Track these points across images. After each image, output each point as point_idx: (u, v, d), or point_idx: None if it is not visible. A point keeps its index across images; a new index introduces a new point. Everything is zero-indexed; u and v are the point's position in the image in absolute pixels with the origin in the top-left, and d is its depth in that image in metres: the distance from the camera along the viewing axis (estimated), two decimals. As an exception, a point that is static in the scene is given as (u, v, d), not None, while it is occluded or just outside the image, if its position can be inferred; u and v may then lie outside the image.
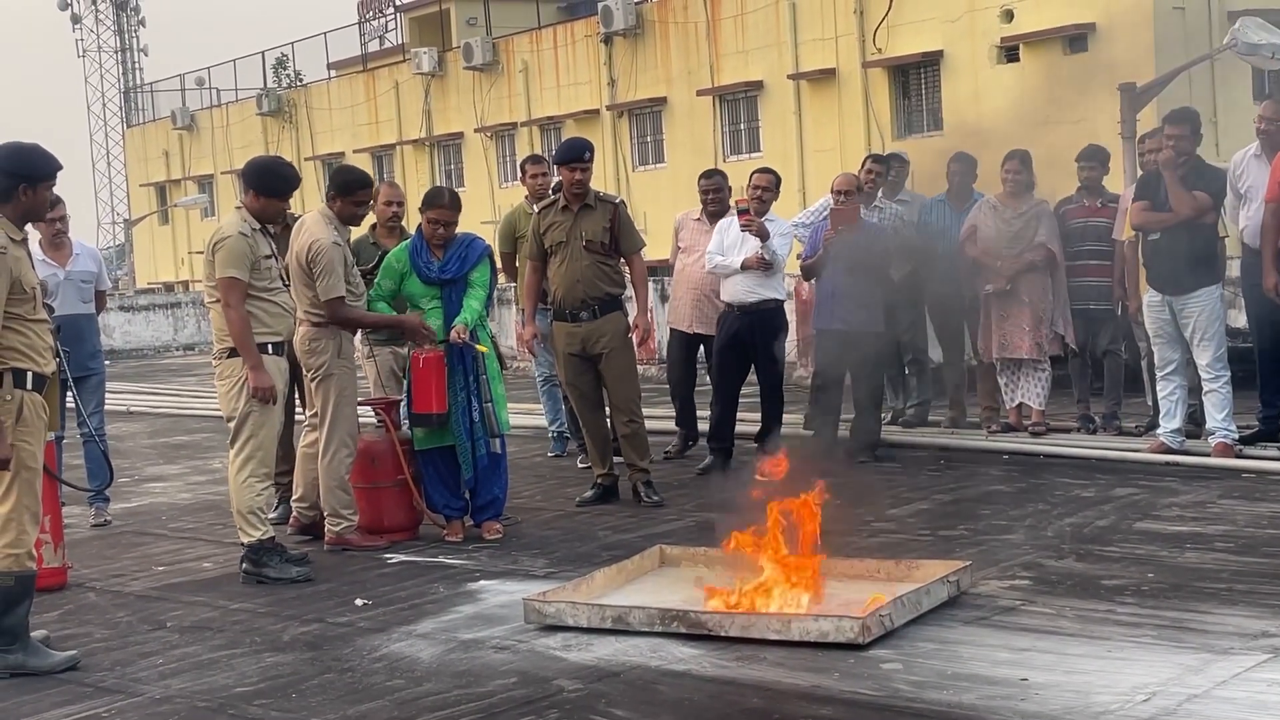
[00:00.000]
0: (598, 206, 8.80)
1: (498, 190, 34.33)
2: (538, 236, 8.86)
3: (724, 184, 10.28)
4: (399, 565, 7.67)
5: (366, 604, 6.78)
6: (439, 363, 7.94)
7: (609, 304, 8.81)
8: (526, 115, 33.36)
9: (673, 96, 30.18)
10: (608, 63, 31.28)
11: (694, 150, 28.71)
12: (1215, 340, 8.84)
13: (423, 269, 8.07)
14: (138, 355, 29.34)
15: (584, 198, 8.75)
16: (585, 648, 5.77)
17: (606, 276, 8.80)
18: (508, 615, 6.34)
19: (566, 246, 8.73)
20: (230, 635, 6.40)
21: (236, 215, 7.54)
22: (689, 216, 10.29)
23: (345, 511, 8.04)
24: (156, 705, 5.41)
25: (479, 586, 7.02)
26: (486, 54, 33.84)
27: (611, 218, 8.79)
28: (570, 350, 8.83)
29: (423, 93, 36.21)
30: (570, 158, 8.74)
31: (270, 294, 7.46)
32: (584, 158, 8.74)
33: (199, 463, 12.36)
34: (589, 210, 8.76)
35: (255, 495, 7.43)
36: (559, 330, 8.90)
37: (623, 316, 8.90)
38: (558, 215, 8.79)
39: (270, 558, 7.41)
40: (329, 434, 7.94)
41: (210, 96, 46.43)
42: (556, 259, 8.79)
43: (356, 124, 38.62)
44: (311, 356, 7.96)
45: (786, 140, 27.75)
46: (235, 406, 7.41)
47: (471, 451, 8.08)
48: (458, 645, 5.98)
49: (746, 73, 28.47)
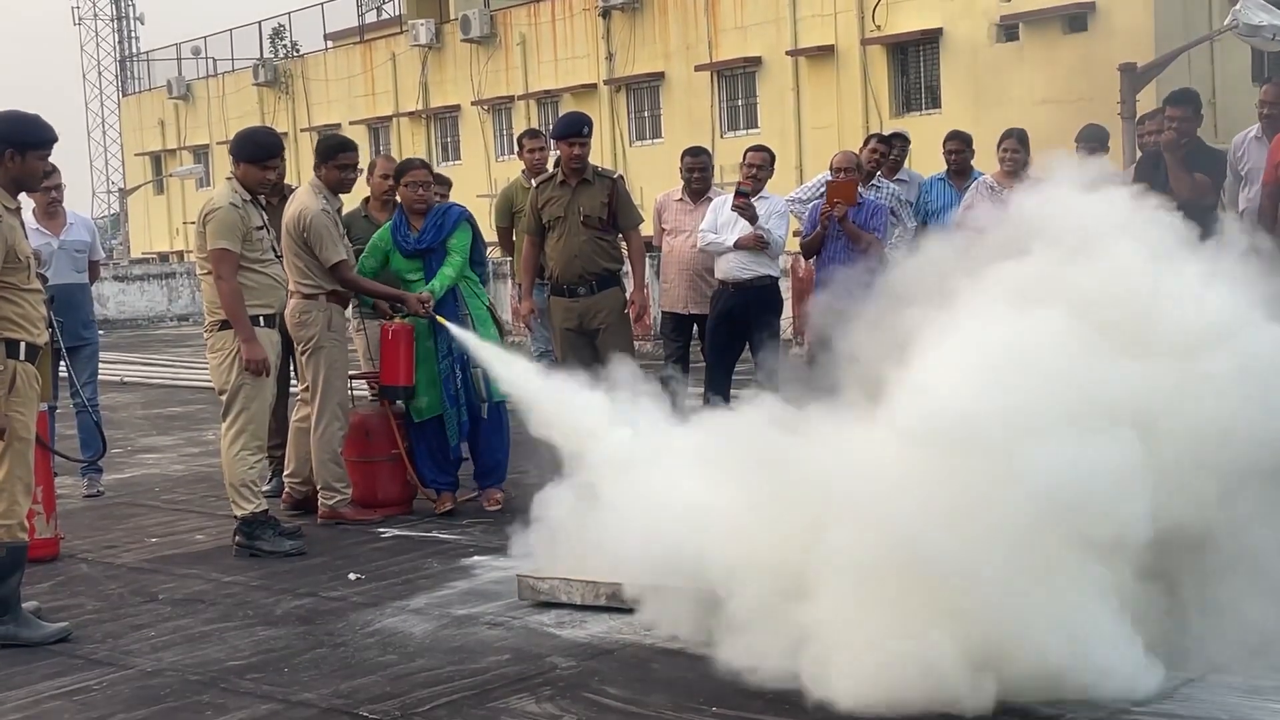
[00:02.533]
0: (596, 182, 8.77)
1: (494, 164, 34.26)
2: (535, 211, 8.83)
3: (709, 162, 10.23)
4: (392, 539, 7.66)
5: (360, 578, 6.77)
6: (408, 335, 7.98)
7: (607, 279, 8.79)
8: (524, 88, 33.25)
9: (670, 72, 30.09)
10: (606, 37, 31.18)
11: (691, 126, 28.63)
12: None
13: (401, 242, 8.10)
14: (132, 325, 29.29)
15: (582, 173, 8.73)
16: (579, 625, 5.76)
17: (604, 252, 8.78)
18: (501, 591, 6.32)
19: (564, 222, 8.71)
20: (223, 608, 6.38)
21: (227, 186, 7.50)
22: (670, 197, 10.21)
23: (338, 485, 8.02)
24: (148, 678, 5.40)
25: (473, 562, 7.01)
26: (484, 26, 33.72)
27: (610, 193, 8.77)
28: (567, 325, 8.80)
29: (420, 65, 36.09)
30: (569, 133, 8.71)
31: (262, 266, 7.42)
32: (582, 133, 8.71)
33: (192, 434, 12.33)
34: (587, 185, 8.73)
35: (248, 468, 7.41)
36: (556, 305, 8.87)
37: (620, 292, 8.88)
38: (555, 190, 8.76)
39: (263, 531, 7.39)
40: (320, 406, 7.92)
41: (206, 66, 46.26)
42: (554, 234, 8.76)
43: (353, 95, 38.49)
44: (301, 329, 7.93)
45: (784, 117, 27.68)
46: (227, 379, 7.38)
47: (456, 419, 8.09)
48: (451, 621, 5.97)
49: (745, 48, 28.39)
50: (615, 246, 8.88)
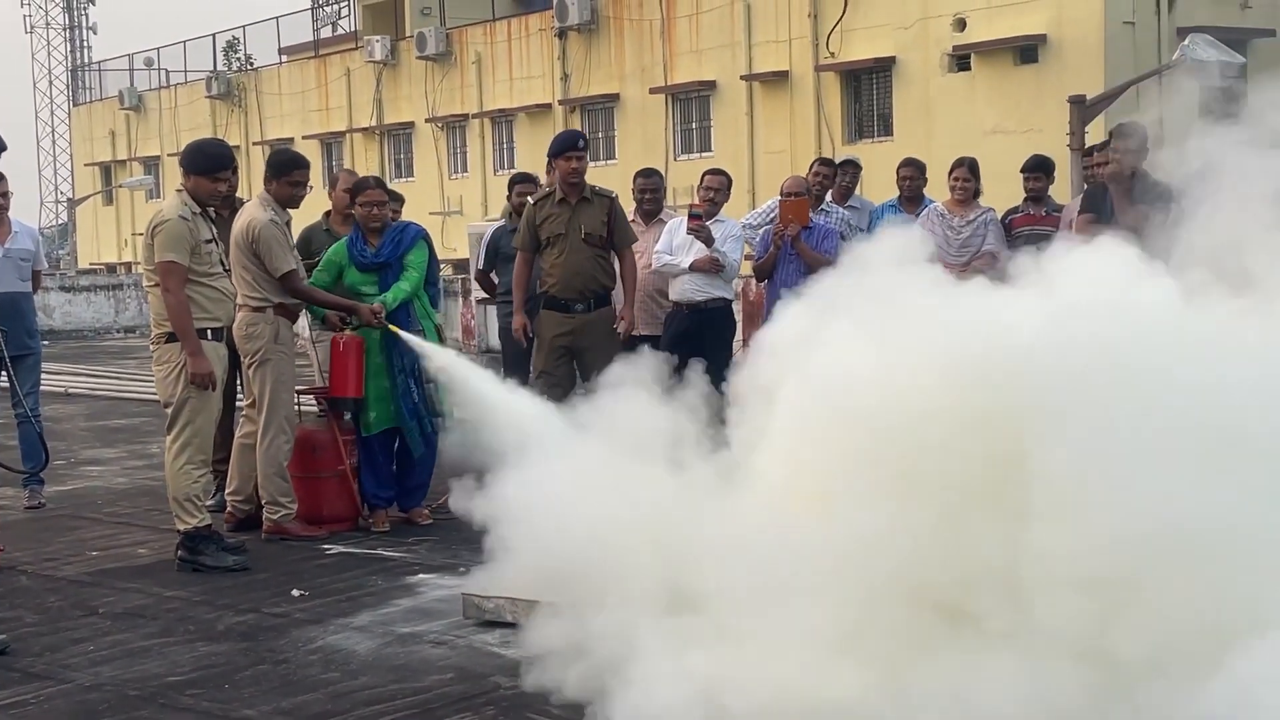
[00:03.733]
0: (594, 200, 8.83)
1: (447, 181, 34.22)
2: (533, 228, 8.85)
3: (660, 184, 10.27)
4: (337, 556, 7.62)
5: (303, 595, 6.73)
6: (358, 347, 8.00)
7: (603, 297, 8.89)
8: (478, 107, 33.24)
9: (625, 93, 30.16)
10: (561, 57, 31.23)
11: (645, 148, 28.70)
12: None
13: (358, 256, 8.13)
14: (78, 336, 29.00)
15: (581, 189, 8.77)
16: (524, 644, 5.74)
17: (603, 270, 8.86)
18: (446, 610, 6.30)
19: (565, 239, 8.73)
20: (164, 623, 6.33)
21: (177, 198, 7.47)
22: None
23: (283, 499, 7.97)
24: (86, 693, 5.34)
25: (418, 580, 6.98)
26: (440, 44, 33.69)
27: (609, 211, 8.83)
28: (559, 340, 8.81)
29: (374, 81, 36.01)
30: (565, 147, 8.79)
31: (210, 279, 7.39)
32: (579, 145, 8.82)
33: (137, 447, 12.22)
34: (587, 203, 8.79)
35: (192, 482, 7.36)
36: (549, 319, 8.86)
37: (612, 311, 8.95)
38: (554, 208, 8.79)
39: (206, 545, 7.33)
40: (266, 420, 7.88)
41: (159, 77, 45.99)
42: (554, 250, 8.77)
43: (306, 110, 38.36)
44: (248, 341, 7.89)
45: (738, 141, 27.80)
46: (173, 392, 7.33)
47: (417, 431, 8.15)
48: (394, 639, 5.94)
49: (700, 72, 28.50)
50: (611, 265, 8.93)
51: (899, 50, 25.04)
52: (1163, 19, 22.54)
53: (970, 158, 10.14)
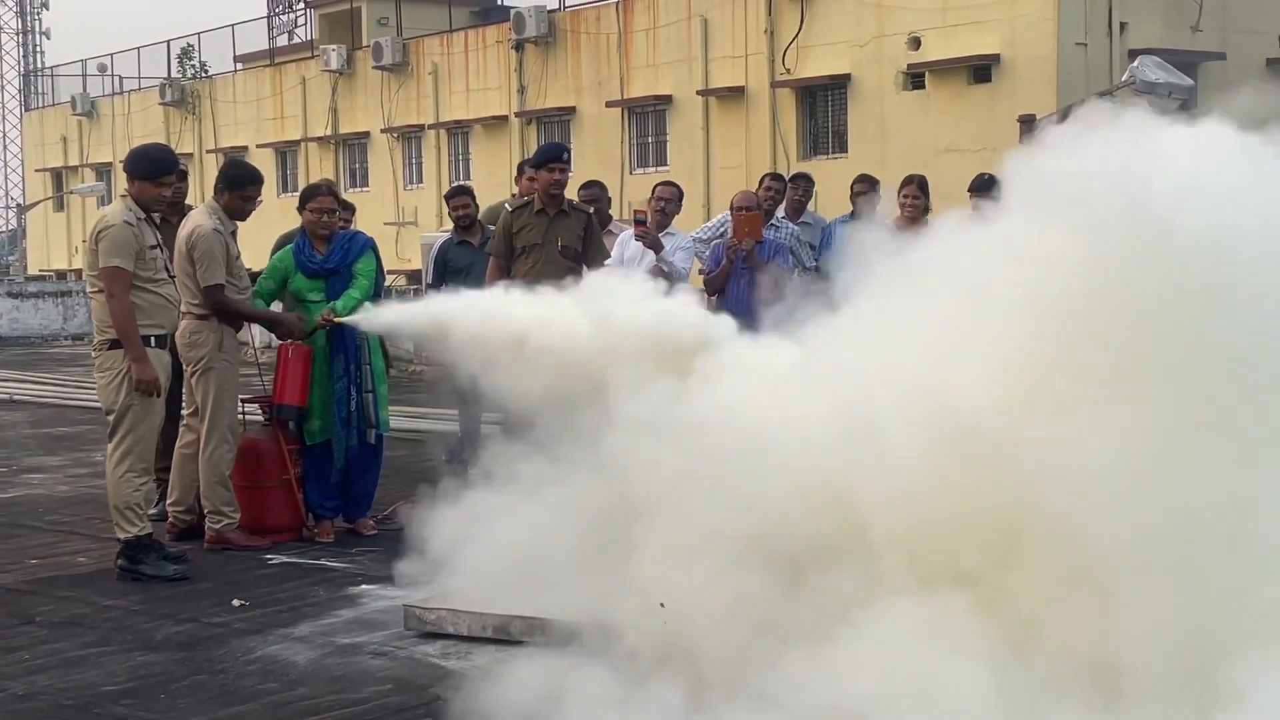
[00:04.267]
0: (573, 213, 8.87)
1: (402, 192, 34.10)
2: (509, 235, 8.86)
3: (603, 194, 10.30)
4: (279, 566, 7.57)
5: (244, 605, 6.68)
6: (305, 356, 7.97)
7: None
8: (434, 118, 33.15)
9: (582, 106, 30.16)
10: (518, 69, 31.19)
11: (601, 161, 28.68)
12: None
13: (306, 262, 8.10)
14: (25, 343, 28.72)
15: (560, 202, 8.78)
16: (464, 656, 5.72)
17: (575, 283, 8.83)
18: (388, 621, 6.27)
19: (541, 249, 8.77)
20: (101, 632, 6.26)
21: (121, 204, 7.42)
22: None
23: (226, 508, 7.91)
24: (19, 702, 5.28)
25: (360, 590, 6.94)
26: (396, 54, 33.58)
27: (585, 226, 8.85)
28: None
29: (330, 90, 35.86)
30: (549, 158, 8.85)
31: (154, 285, 7.34)
32: (562, 158, 8.88)
33: (80, 455, 12.11)
34: (565, 216, 8.83)
35: (133, 490, 7.30)
36: None
37: None
38: (532, 218, 8.81)
39: (147, 554, 7.27)
40: (209, 429, 7.82)
41: (112, 84, 45.63)
42: (528, 260, 8.79)
43: (261, 118, 38.14)
44: (192, 349, 7.84)
45: (693, 155, 27.83)
46: (115, 399, 7.27)
47: (345, 442, 8.09)
48: (335, 650, 5.90)
49: (656, 86, 28.52)
50: (583, 279, 8.92)
51: (854, 68, 25.14)
52: (1114, 40, 22.73)
53: (919, 175, 10.21)
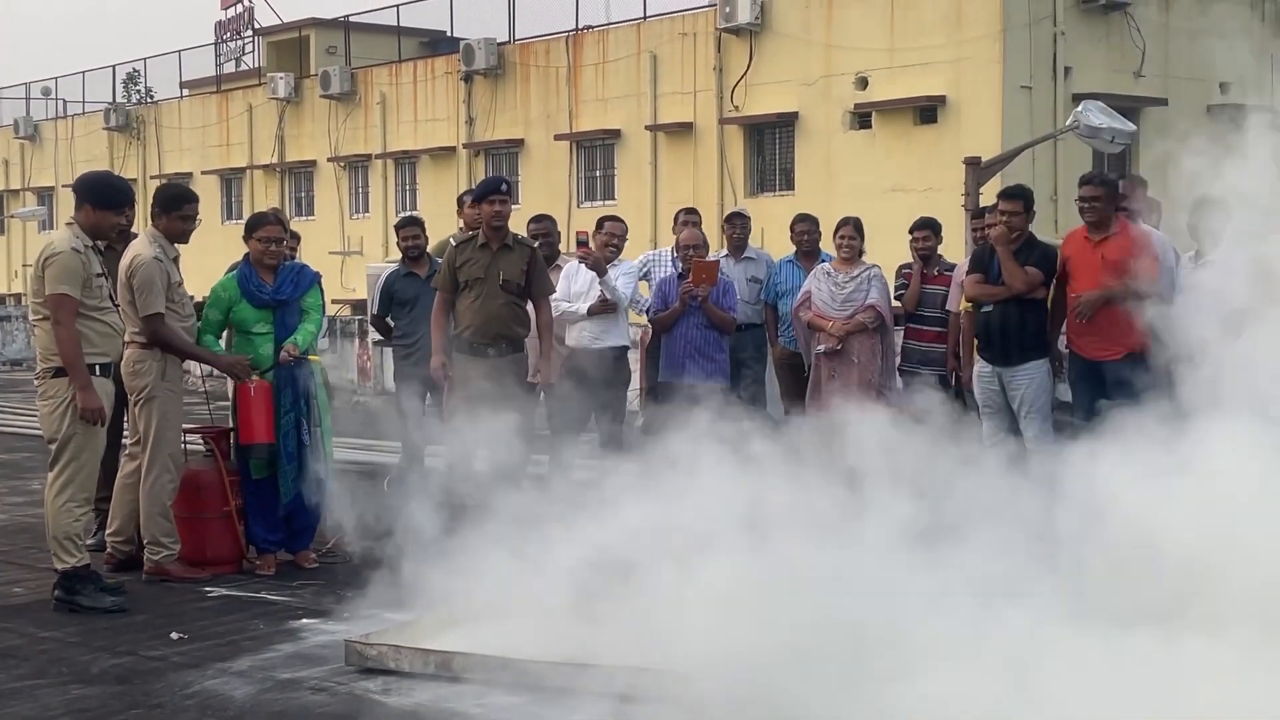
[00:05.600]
0: (516, 248, 8.85)
1: (348, 221, 33.98)
2: (452, 270, 8.85)
3: (553, 228, 10.34)
4: (219, 599, 7.50)
5: (182, 638, 6.61)
6: (267, 393, 7.90)
7: (516, 345, 8.87)
8: (382, 148, 33.09)
9: (530, 139, 30.20)
10: (467, 101, 31.20)
11: (549, 194, 28.72)
12: (1041, 413, 9.05)
13: (254, 293, 8.01)
14: (-39, 368, 28.36)
15: (504, 236, 8.77)
16: (406, 692, 5.68)
17: (518, 317, 8.87)
18: (329, 656, 6.22)
19: (484, 283, 8.75)
20: (36, 664, 6.18)
21: (68, 231, 7.36)
22: None
23: (166, 540, 7.84)
24: (-49, 736, 5.20)
25: (301, 625, 6.88)
26: (344, 83, 33.52)
27: (529, 260, 8.84)
28: (470, 381, 8.77)
29: (277, 118, 35.73)
30: (489, 190, 8.84)
31: (100, 313, 7.28)
32: (501, 189, 8.85)
33: (17, 483, 11.96)
34: (508, 250, 8.81)
35: (73, 520, 7.22)
36: (461, 362, 8.85)
37: (524, 358, 8.95)
38: (475, 252, 8.80)
39: (84, 586, 7.19)
40: (150, 458, 7.75)
41: (56, 107, 45.26)
42: (471, 294, 8.78)
43: (207, 145, 37.94)
44: (135, 379, 7.77)
45: (641, 190, 27.92)
46: (58, 428, 7.19)
47: (291, 475, 8.01)
48: (275, 685, 5.85)
49: (605, 120, 28.62)
50: (526, 314, 8.94)
51: (802, 106, 25.33)
52: (1059, 85, 23.01)
53: (855, 217, 10.32)
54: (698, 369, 9.58)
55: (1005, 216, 9.13)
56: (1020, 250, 9.08)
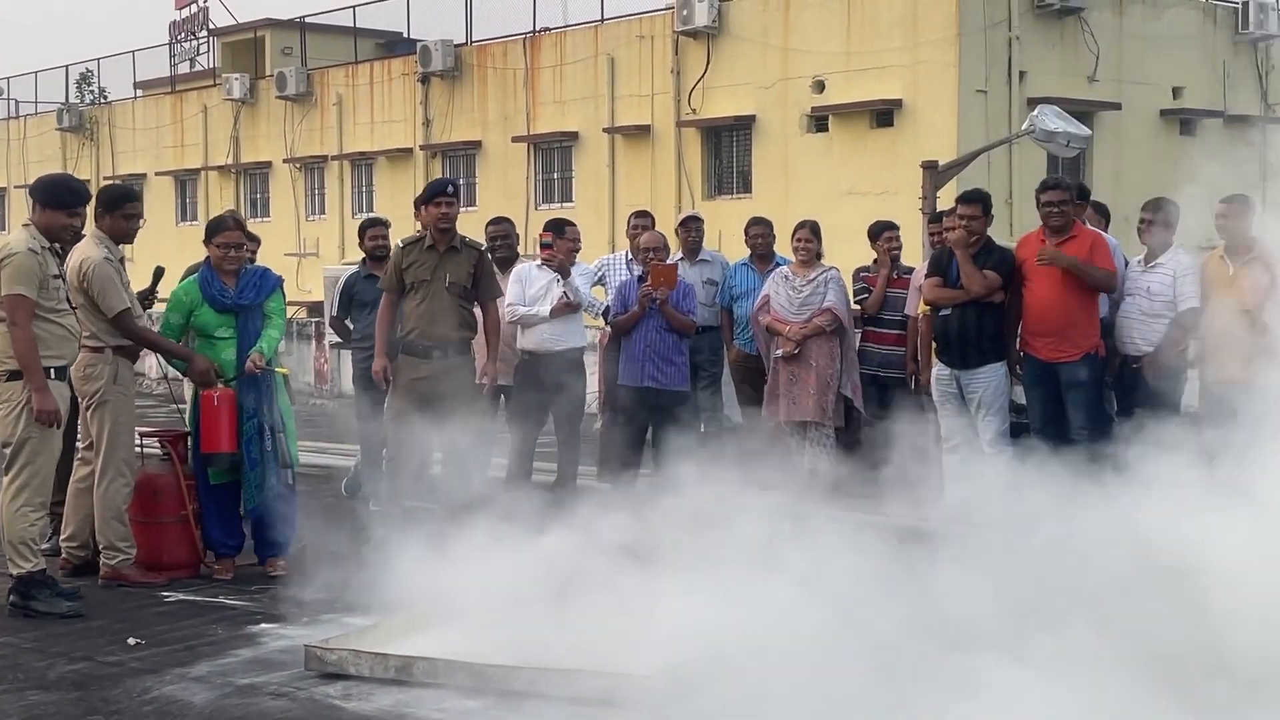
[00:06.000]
0: (463, 250, 8.83)
1: (304, 222, 33.84)
2: (399, 271, 8.82)
3: (511, 230, 10.35)
4: (176, 604, 7.44)
5: (139, 643, 6.56)
6: (230, 401, 7.83)
7: (462, 347, 8.85)
8: (338, 149, 32.98)
9: (487, 141, 30.17)
10: (424, 102, 31.14)
11: (506, 196, 28.70)
12: (998, 415, 9.11)
13: (216, 297, 7.94)
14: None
15: (451, 238, 8.75)
16: (366, 698, 5.66)
17: (464, 320, 8.84)
18: (288, 661, 6.19)
19: (430, 285, 8.72)
20: (-9, 671, 6.12)
21: (24, 233, 7.30)
22: None
23: (121, 544, 7.77)
24: (-95, 744, 5.14)
25: (259, 629, 6.84)
26: (300, 84, 33.38)
27: (476, 263, 8.82)
28: (413, 384, 8.76)
29: (232, 119, 35.55)
30: (435, 192, 8.80)
31: (57, 315, 7.22)
32: (448, 191, 8.81)
33: (-30, 487, 11.82)
34: (455, 252, 8.78)
35: (29, 525, 7.16)
36: (406, 364, 8.83)
37: (470, 360, 8.92)
38: (422, 254, 8.77)
39: (40, 591, 7.12)
40: (104, 463, 7.69)
41: (8, 107, 44.88)
42: (417, 296, 8.75)
43: (161, 146, 37.70)
44: (87, 383, 7.70)
45: (599, 192, 27.94)
46: (13, 431, 7.13)
47: (256, 482, 7.94)
48: (233, 690, 5.82)
49: (562, 123, 28.62)
50: (473, 316, 8.91)
51: (759, 109, 25.42)
52: (1014, 89, 23.20)
53: (812, 220, 10.36)
54: (658, 372, 9.59)
55: (964, 220, 9.18)
56: (979, 254, 9.14)
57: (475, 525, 7.05)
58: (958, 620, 5.34)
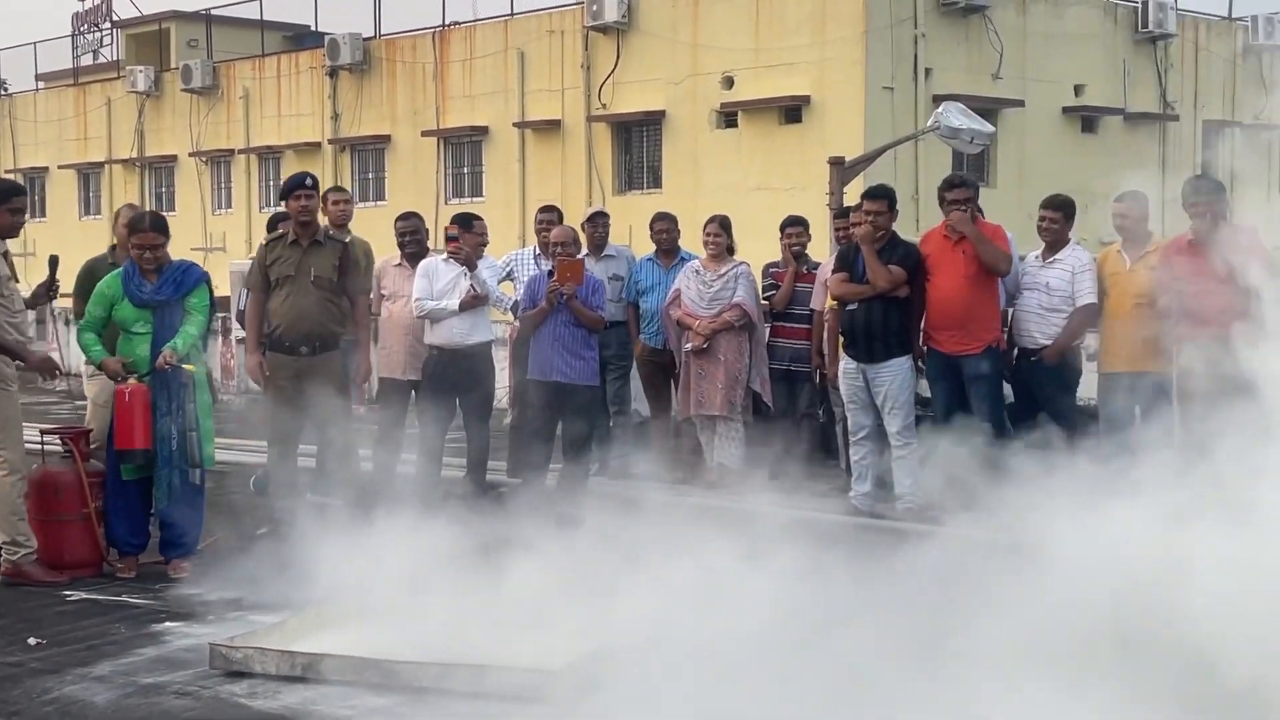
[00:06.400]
0: (327, 244, 8.81)
1: (210, 217, 33.43)
2: (263, 268, 8.80)
3: (420, 225, 10.34)
4: (79, 603, 7.35)
5: (40, 643, 6.47)
6: (144, 397, 7.70)
7: (329, 342, 8.80)
8: (245, 143, 32.60)
9: (397, 135, 29.97)
10: (332, 96, 30.87)
11: (416, 190, 28.54)
12: (904, 409, 9.22)
13: (135, 292, 7.84)
14: None
15: (313, 232, 8.72)
16: (272, 695, 5.63)
17: (332, 314, 8.80)
18: (192, 659, 6.13)
19: (294, 281, 8.72)
20: (-114, 673, 6.01)
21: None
22: (389, 263, 10.22)
23: (21, 539, 7.66)
24: None
25: (164, 628, 6.77)
26: (206, 77, 32.96)
27: (340, 255, 8.79)
28: (282, 382, 8.73)
29: (136, 112, 35.03)
30: (293, 186, 8.81)
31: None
32: (306, 184, 8.81)
33: None
34: (319, 246, 8.77)
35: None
36: (274, 361, 8.81)
37: (340, 356, 8.86)
38: (285, 249, 8.78)
39: (-63, 592, 7.00)
40: (-9, 459, 7.56)
41: (-96, 98, 43.89)
42: (282, 292, 8.75)
43: (64, 139, 37.05)
44: None
45: (509, 187, 27.85)
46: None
47: (167, 480, 7.84)
48: (136, 690, 5.76)
49: (472, 117, 28.50)
50: (342, 310, 8.87)
51: (669, 105, 25.47)
52: (920, 86, 23.42)
53: (722, 215, 10.45)
54: (566, 367, 9.60)
55: (870, 216, 9.29)
56: (884, 249, 9.24)
57: (383, 521, 7.05)
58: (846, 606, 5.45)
